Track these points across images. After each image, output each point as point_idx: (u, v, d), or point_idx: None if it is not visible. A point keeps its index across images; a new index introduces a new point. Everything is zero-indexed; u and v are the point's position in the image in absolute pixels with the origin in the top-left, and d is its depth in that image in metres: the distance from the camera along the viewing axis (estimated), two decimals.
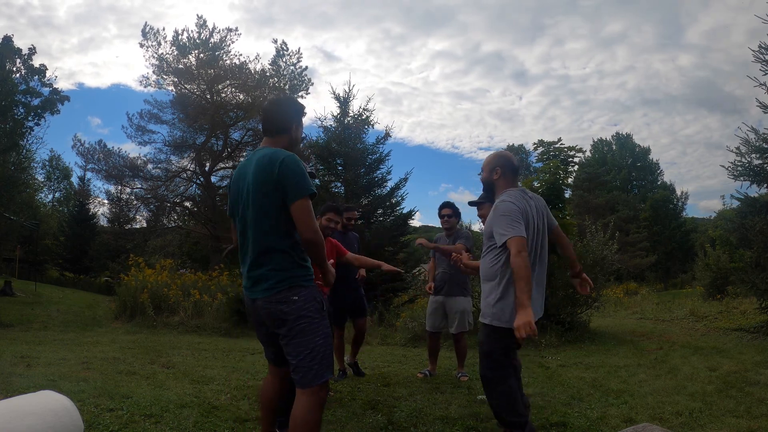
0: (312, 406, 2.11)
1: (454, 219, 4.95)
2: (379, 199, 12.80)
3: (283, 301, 2.13)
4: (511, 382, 2.74)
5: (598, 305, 8.37)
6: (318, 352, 2.13)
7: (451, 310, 4.87)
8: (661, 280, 29.93)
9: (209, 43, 18.99)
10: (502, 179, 2.86)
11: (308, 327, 2.13)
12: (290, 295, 2.13)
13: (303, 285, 2.17)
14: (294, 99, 2.70)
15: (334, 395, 4.04)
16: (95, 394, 3.51)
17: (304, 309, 2.14)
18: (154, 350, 6.28)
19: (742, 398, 3.80)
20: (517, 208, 2.65)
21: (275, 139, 2.33)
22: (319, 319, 2.18)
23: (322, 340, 2.16)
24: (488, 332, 2.75)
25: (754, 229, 7.03)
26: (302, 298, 2.14)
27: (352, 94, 13.12)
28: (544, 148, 17.72)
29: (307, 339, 2.13)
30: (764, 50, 6.89)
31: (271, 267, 2.15)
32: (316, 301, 2.19)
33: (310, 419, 2.10)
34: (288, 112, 2.37)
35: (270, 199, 2.14)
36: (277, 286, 2.14)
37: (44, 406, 1.98)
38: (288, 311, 2.12)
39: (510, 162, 2.90)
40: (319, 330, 2.17)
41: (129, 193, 23.03)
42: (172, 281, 10.43)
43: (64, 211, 34.83)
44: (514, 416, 2.68)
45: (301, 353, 2.12)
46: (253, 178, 2.18)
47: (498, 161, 2.89)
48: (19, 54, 18.78)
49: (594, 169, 34.29)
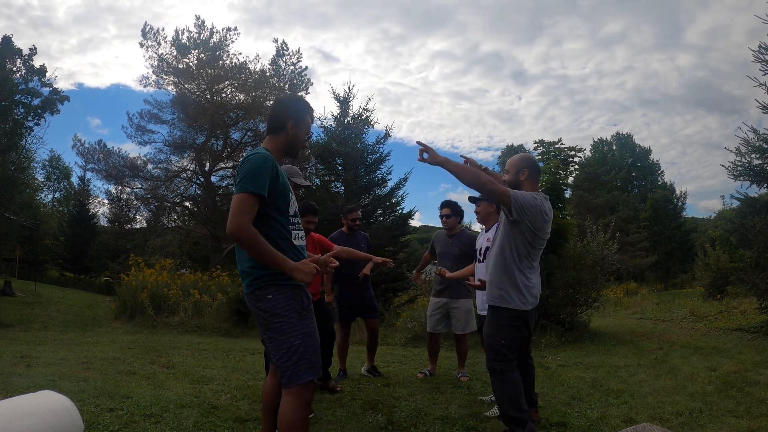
0: (295, 406, 2.10)
1: (453, 219, 4.91)
2: (379, 199, 12.80)
3: (260, 298, 2.14)
4: (515, 376, 2.81)
5: (598, 305, 8.37)
6: (294, 352, 2.11)
7: (457, 311, 4.86)
8: (661, 280, 29.91)
9: (209, 43, 18.98)
10: (529, 181, 2.94)
11: (283, 326, 2.12)
12: (264, 294, 2.13)
13: (276, 284, 2.14)
14: (297, 97, 2.68)
15: (335, 395, 4.04)
16: (95, 394, 3.51)
17: (278, 308, 2.12)
18: (154, 350, 6.28)
19: (742, 398, 3.80)
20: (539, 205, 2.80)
21: (274, 137, 2.33)
22: (296, 319, 2.14)
23: (299, 341, 2.12)
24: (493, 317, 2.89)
25: (754, 229, 7.04)
26: (276, 296, 2.13)
27: (352, 94, 13.12)
28: (545, 148, 17.75)
29: (283, 338, 2.12)
30: (764, 50, 6.90)
31: (247, 264, 2.17)
32: (294, 301, 2.16)
33: (295, 419, 2.10)
34: (284, 109, 2.35)
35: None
36: (253, 283, 2.16)
37: (44, 406, 1.98)
38: (264, 308, 2.13)
39: (536, 164, 3.01)
40: (296, 330, 2.13)
41: (129, 193, 23.00)
42: (172, 281, 10.43)
43: (64, 211, 34.82)
44: (515, 411, 2.74)
45: (278, 353, 2.12)
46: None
47: (525, 163, 2.97)
48: (20, 54, 18.78)
49: (594, 169, 34.28)
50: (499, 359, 2.82)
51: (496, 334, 2.86)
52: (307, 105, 2.42)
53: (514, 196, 2.71)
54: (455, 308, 4.86)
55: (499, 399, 2.83)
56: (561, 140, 17.15)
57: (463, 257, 4.69)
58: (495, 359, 2.83)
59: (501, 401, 2.81)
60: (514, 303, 2.81)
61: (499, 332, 2.85)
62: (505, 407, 2.78)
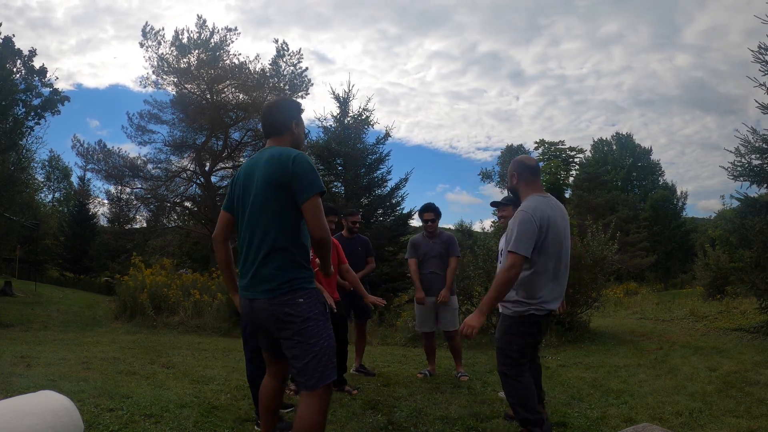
0: (318, 408, 2.09)
1: (437, 222, 5.00)
2: (379, 199, 12.82)
3: (289, 303, 2.10)
4: (524, 379, 2.81)
5: (598, 305, 8.37)
6: (324, 353, 2.12)
7: (444, 309, 4.90)
8: (661, 280, 29.90)
9: (210, 43, 18.98)
10: (522, 183, 2.94)
11: (314, 329, 2.12)
12: (295, 298, 2.11)
13: (306, 287, 2.15)
14: (289, 99, 2.72)
15: (332, 395, 4.04)
16: (95, 394, 3.51)
17: (310, 311, 2.12)
18: (154, 350, 6.28)
19: (742, 398, 3.80)
20: (533, 222, 2.70)
21: (279, 138, 2.32)
22: (324, 321, 2.17)
23: (327, 342, 2.15)
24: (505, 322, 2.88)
25: (754, 229, 7.04)
26: (307, 300, 2.13)
27: (351, 94, 13.13)
28: (545, 148, 17.72)
29: (314, 341, 2.10)
30: (764, 50, 6.90)
31: (275, 266, 2.12)
32: (320, 303, 2.18)
33: (316, 421, 2.08)
34: (285, 110, 2.38)
35: (280, 198, 2.12)
36: (282, 287, 2.11)
37: (44, 406, 1.98)
38: (294, 313, 2.10)
39: (523, 164, 2.97)
40: (325, 331, 2.16)
41: (129, 193, 23.05)
42: (172, 281, 10.43)
43: (64, 211, 34.78)
44: (528, 412, 2.74)
45: (308, 356, 2.09)
46: (264, 176, 2.15)
47: (513, 167, 2.98)
48: (20, 55, 18.77)
49: (594, 169, 34.27)
50: (511, 364, 2.81)
51: (509, 339, 2.84)
52: (300, 105, 2.48)
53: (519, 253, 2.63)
54: (442, 306, 4.88)
55: (512, 402, 2.84)
56: (562, 141, 17.08)
57: (445, 255, 4.89)
58: (506, 363, 2.83)
59: (514, 404, 2.82)
60: (528, 308, 2.77)
61: (511, 337, 2.84)
62: (519, 410, 2.78)
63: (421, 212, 5.10)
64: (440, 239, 4.96)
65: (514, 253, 2.63)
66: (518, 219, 2.74)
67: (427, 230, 4.99)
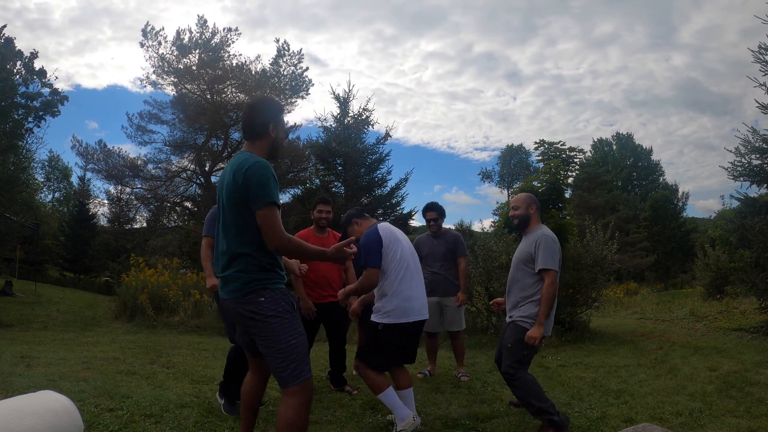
0: (297, 405, 2.10)
1: (440, 221, 4.97)
2: (379, 199, 12.83)
3: (251, 302, 2.14)
4: (528, 375, 3.17)
5: (598, 305, 8.37)
6: (292, 351, 2.12)
7: (449, 308, 4.89)
8: (661, 280, 29.88)
9: (211, 43, 18.97)
10: (537, 214, 3.47)
11: (279, 326, 2.12)
12: (256, 297, 2.13)
13: (269, 287, 2.16)
14: (270, 98, 2.70)
15: (335, 395, 4.04)
16: (95, 394, 3.51)
17: (272, 309, 2.13)
18: (154, 350, 6.28)
19: (742, 398, 3.80)
20: (557, 245, 3.28)
21: (255, 143, 2.31)
22: (290, 318, 2.16)
23: (296, 340, 2.15)
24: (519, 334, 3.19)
25: (754, 229, 7.04)
26: (269, 298, 2.14)
27: (351, 95, 13.14)
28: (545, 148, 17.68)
29: (280, 339, 2.12)
30: (764, 50, 6.89)
31: (237, 269, 2.16)
32: (285, 302, 2.18)
33: (297, 419, 2.09)
34: (263, 112, 2.33)
35: (240, 211, 2.15)
36: (243, 288, 2.14)
37: (44, 406, 1.98)
38: (257, 311, 2.12)
39: (537, 200, 3.54)
40: (292, 329, 2.15)
41: (129, 193, 23.02)
42: (173, 281, 10.43)
43: (64, 211, 34.79)
44: (543, 402, 3.01)
45: (276, 354, 2.11)
46: (226, 183, 2.21)
47: (532, 200, 3.50)
48: (21, 57, 18.78)
49: (594, 169, 34.26)
50: (518, 366, 3.15)
51: (521, 345, 3.16)
52: (281, 105, 2.47)
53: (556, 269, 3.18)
54: (447, 306, 4.88)
55: (523, 396, 3.11)
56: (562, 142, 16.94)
57: (450, 255, 4.85)
58: (513, 365, 3.15)
59: (527, 400, 3.07)
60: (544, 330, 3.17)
61: (524, 345, 3.15)
62: (533, 402, 3.03)
63: (423, 212, 5.09)
64: (445, 239, 4.93)
65: (552, 270, 3.16)
66: (546, 242, 3.24)
67: (431, 230, 4.98)
